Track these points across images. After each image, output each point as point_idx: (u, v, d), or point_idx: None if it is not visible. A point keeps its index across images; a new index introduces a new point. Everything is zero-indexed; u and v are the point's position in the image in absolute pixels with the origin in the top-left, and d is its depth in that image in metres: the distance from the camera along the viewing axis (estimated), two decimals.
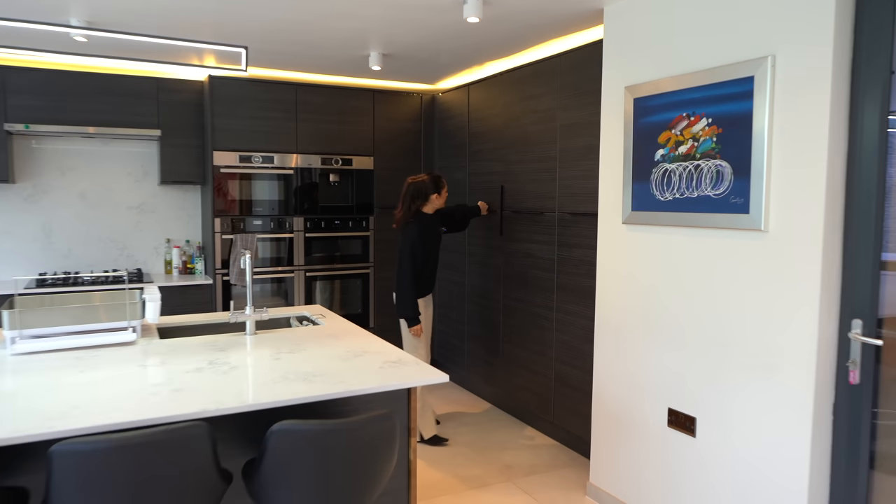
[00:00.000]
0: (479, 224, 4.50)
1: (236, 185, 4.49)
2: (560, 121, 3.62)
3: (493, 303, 4.35)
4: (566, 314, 3.62)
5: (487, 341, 4.44)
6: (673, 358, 2.67)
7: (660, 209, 2.66)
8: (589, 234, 3.41)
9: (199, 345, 2.48)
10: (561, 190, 3.63)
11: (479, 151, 4.48)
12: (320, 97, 4.71)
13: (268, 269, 4.62)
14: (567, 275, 3.60)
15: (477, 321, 4.57)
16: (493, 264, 4.34)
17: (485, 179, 4.40)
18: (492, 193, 4.32)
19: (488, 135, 4.36)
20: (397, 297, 3.77)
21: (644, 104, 2.72)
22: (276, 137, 4.59)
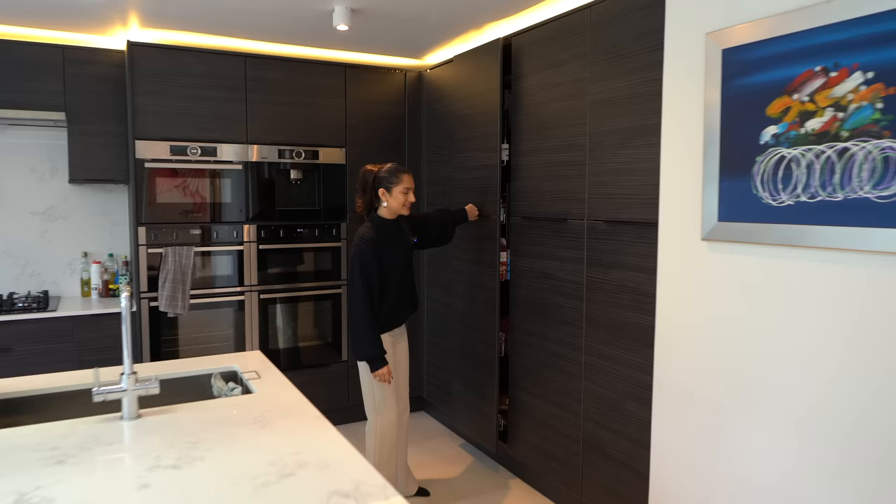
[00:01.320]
0: (476, 233, 3.52)
1: (168, 183, 3.50)
2: (591, 95, 2.66)
3: (493, 337, 3.38)
4: (600, 358, 2.67)
5: (491, 384, 3.47)
6: (791, 456, 1.72)
7: (770, 219, 1.71)
8: (637, 250, 2.45)
9: (27, 448, 1.50)
10: (592, 189, 2.67)
11: (474, 139, 3.51)
12: (278, 73, 3.73)
13: (209, 291, 3.63)
14: (602, 305, 2.64)
15: (475, 356, 3.60)
16: (492, 287, 3.37)
17: (483, 176, 3.43)
18: (494, 194, 3.35)
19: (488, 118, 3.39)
20: (350, 333, 2.81)
21: (741, 58, 1.76)
22: (220, 124, 3.60)
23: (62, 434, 1.59)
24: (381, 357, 2.78)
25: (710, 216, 1.89)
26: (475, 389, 3.56)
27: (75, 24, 3.33)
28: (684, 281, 2.04)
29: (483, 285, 3.40)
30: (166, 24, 3.35)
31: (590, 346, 2.72)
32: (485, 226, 3.39)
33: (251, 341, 3.74)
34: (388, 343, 2.91)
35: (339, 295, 3.98)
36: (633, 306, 2.48)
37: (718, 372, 1.95)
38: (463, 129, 3.61)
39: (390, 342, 2.92)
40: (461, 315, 3.65)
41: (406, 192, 2.87)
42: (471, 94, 3.50)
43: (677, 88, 2.02)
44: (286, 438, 1.57)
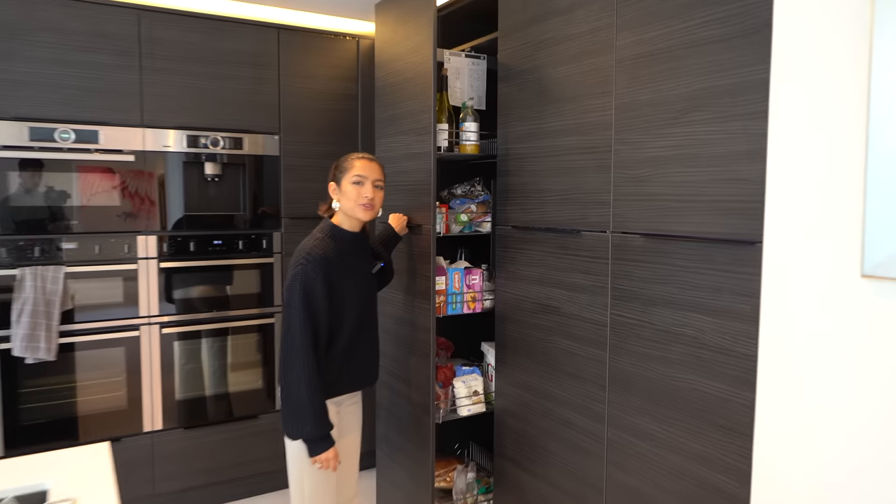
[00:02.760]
0: (406, 250, 2.64)
1: (27, 180, 2.54)
2: (622, 49, 1.81)
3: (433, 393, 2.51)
4: (634, 435, 1.81)
5: (423, 459, 2.59)
6: None
7: None
8: (700, 279, 1.60)
9: None
10: (623, 187, 1.82)
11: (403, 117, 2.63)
12: (187, 34, 2.81)
13: (89, 326, 2.68)
14: (638, 359, 1.79)
15: (403, 418, 2.71)
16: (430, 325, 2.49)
17: (413, 168, 2.56)
18: (428, 193, 2.48)
19: (419, 84, 2.51)
20: (282, 398, 1.92)
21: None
22: (103, 100, 2.66)
23: None
24: (324, 437, 1.89)
25: (883, 238, 1.04)
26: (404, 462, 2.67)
27: None
28: (820, 342, 1.19)
29: (415, 323, 2.50)
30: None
31: (617, 416, 1.87)
32: (416, 241, 2.49)
33: (150, 391, 2.80)
34: (333, 412, 2.02)
35: (272, 325, 3.06)
36: (692, 365, 1.63)
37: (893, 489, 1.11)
38: (387, 105, 2.72)
39: (333, 411, 2.02)
40: (390, 362, 2.74)
41: (358, 184, 1.99)
42: (397, 54, 2.59)
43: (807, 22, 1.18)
44: None
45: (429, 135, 2.33)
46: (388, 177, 2.64)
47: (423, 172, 2.38)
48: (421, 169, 2.40)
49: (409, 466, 2.57)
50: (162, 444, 2.84)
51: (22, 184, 2.53)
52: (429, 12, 2.30)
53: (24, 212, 2.54)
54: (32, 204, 2.55)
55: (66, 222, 2.61)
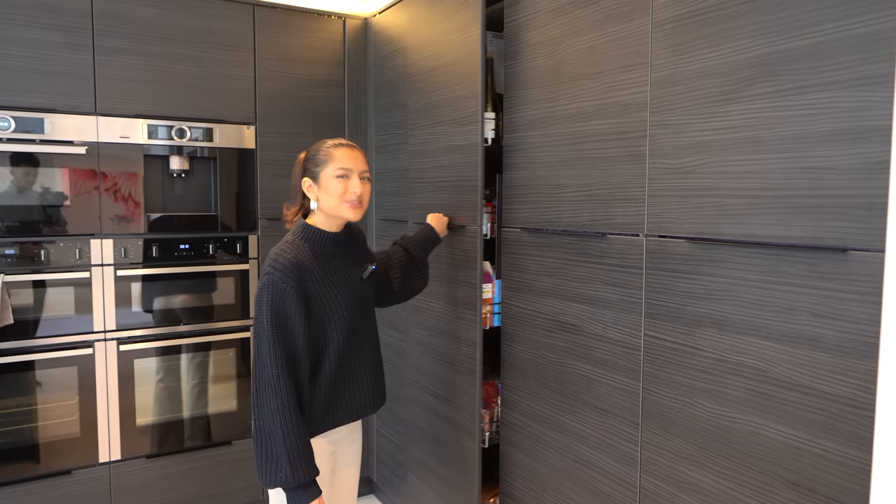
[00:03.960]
0: (447, 255, 2.30)
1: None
2: (659, 11, 1.47)
3: (470, 415, 2.16)
4: (676, 487, 1.47)
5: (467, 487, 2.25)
6: None
7: None
8: (770, 296, 1.26)
9: None
10: (661, 180, 1.48)
11: (432, 109, 2.28)
12: (147, 8, 2.46)
13: (33, 342, 2.33)
14: (680, 391, 1.45)
15: (443, 442, 2.37)
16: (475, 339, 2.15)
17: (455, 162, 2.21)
18: (470, 192, 2.14)
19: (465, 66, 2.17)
20: (255, 437, 1.58)
21: None
22: (50, 83, 2.31)
23: None
24: (308, 484, 1.55)
25: None
26: (441, 490, 2.33)
27: None
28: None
29: (458, 336, 2.18)
30: None
31: (653, 462, 1.53)
32: (459, 243, 2.17)
33: (107, 416, 2.46)
34: (326, 452, 1.68)
35: (247, 340, 2.72)
36: (752, 402, 1.29)
37: None
38: (422, 93, 2.39)
39: (328, 450, 1.69)
40: (425, 378, 2.42)
41: (343, 177, 1.65)
42: (431, 36, 2.27)
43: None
44: None
45: (475, 124, 2.00)
46: (424, 172, 2.32)
47: (467, 167, 2.06)
48: (465, 163, 2.07)
49: (447, 494, 2.24)
50: (120, 475, 2.49)
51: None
52: None
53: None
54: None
55: (6, 223, 2.27)
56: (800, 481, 1.21)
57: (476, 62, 2.01)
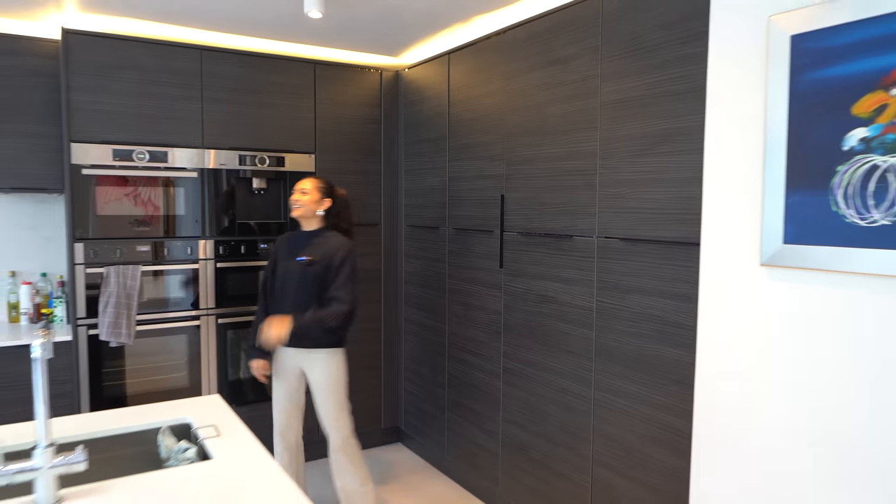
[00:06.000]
0: (466, 250, 3.17)
1: (111, 193, 3.04)
2: (604, 95, 2.34)
3: (488, 363, 3.03)
4: (616, 395, 2.33)
5: (479, 416, 3.11)
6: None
7: (857, 242, 1.40)
8: (662, 272, 2.13)
9: None
10: (606, 201, 2.35)
11: (465, 147, 3.16)
12: (239, 69, 3.32)
13: (160, 315, 3.18)
14: (617, 335, 2.31)
15: (462, 386, 3.24)
16: (487, 308, 3.02)
17: (476, 186, 3.08)
18: (487, 206, 3.01)
19: (480, 123, 3.05)
20: None
21: (817, 45, 1.46)
22: (172, 125, 3.17)
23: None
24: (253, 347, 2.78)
25: (773, 237, 1.57)
26: (474, 419, 3.20)
27: (2, 7, 2.86)
28: (736, 314, 1.72)
29: (485, 307, 3.04)
30: (108, 9, 2.91)
31: (603, 382, 2.39)
32: (484, 243, 3.04)
33: (208, 372, 3.30)
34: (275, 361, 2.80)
35: None
36: (657, 337, 2.15)
37: (781, 424, 1.63)
38: (462, 135, 3.26)
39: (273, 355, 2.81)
40: (462, 340, 3.28)
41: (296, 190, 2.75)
42: (471, 96, 3.15)
43: (727, 85, 1.71)
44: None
45: (501, 160, 2.92)
46: (460, 192, 3.18)
47: (494, 189, 2.92)
48: (493, 187, 2.93)
49: (480, 422, 3.10)
50: None
51: (107, 196, 3.03)
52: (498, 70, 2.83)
53: (109, 220, 3.04)
54: (115, 213, 3.05)
55: (142, 228, 3.11)
56: (679, 379, 2.07)
57: (499, 118, 2.88)
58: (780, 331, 1.61)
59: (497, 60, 2.91)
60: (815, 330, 1.53)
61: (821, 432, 1.54)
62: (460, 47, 3.18)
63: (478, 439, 3.14)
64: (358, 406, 3.74)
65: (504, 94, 2.87)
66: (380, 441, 3.88)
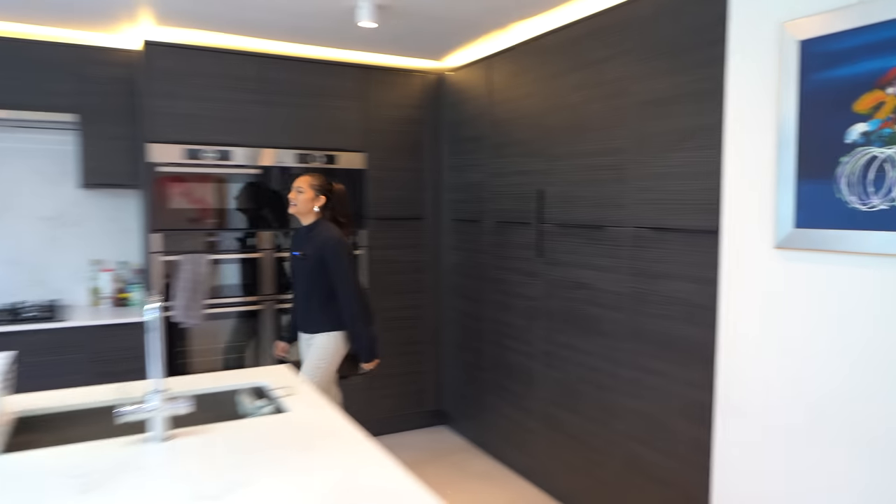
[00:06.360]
0: (506, 241, 3.39)
1: (182, 188, 3.35)
2: (634, 95, 2.53)
3: (526, 346, 3.24)
4: (645, 373, 2.52)
5: (518, 396, 3.33)
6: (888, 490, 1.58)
7: (859, 225, 1.58)
8: (689, 258, 2.31)
9: (56, 472, 1.35)
10: (636, 194, 2.54)
11: (505, 145, 3.38)
12: (295, 74, 3.60)
13: (224, 300, 3.48)
14: (647, 317, 2.50)
15: (502, 368, 3.46)
16: (525, 295, 3.23)
17: (514, 182, 3.30)
18: (525, 200, 3.22)
19: (520, 122, 3.26)
20: None
21: (822, 49, 1.64)
22: (235, 126, 3.47)
23: (87, 458, 1.44)
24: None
25: (785, 222, 1.75)
26: (513, 400, 3.42)
27: (90, 21, 3.20)
28: (753, 293, 1.90)
29: (524, 294, 3.26)
30: (182, 22, 3.22)
31: (634, 361, 2.58)
32: (523, 233, 3.26)
33: (267, 354, 3.59)
34: None
35: None
36: (684, 319, 2.34)
37: (794, 394, 1.81)
38: (501, 134, 3.48)
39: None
40: (502, 326, 3.51)
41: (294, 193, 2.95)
42: (511, 97, 3.37)
43: (744, 85, 1.89)
44: (334, 463, 1.42)
45: (539, 157, 3.15)
46: (500, 187, 3.42)
47: (533, 185, 3.14)
48: (530, 182, 3.16)
49: (520, 402, 3.34)
50: None
51: (178, 191, 3.35)
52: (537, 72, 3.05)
53: (180, 212, 3.35)
54: (186, 206, 3.36)
55: (210, 220, 3.42)
56: (703, 356, 2.25)
57: (538, 117, 3.09)
58: (792, 305, 1.79)
59: (535, 63, 3.12)
60: (823, 303, 1.71)
61: (828, 398, 1.72)
62: (501, 52, 3.40)
63: (517, 418, 3.35)
64: (402, 389, 3.99)
65: (542, 95, 3.08)
66: (424, 423, 4.12)
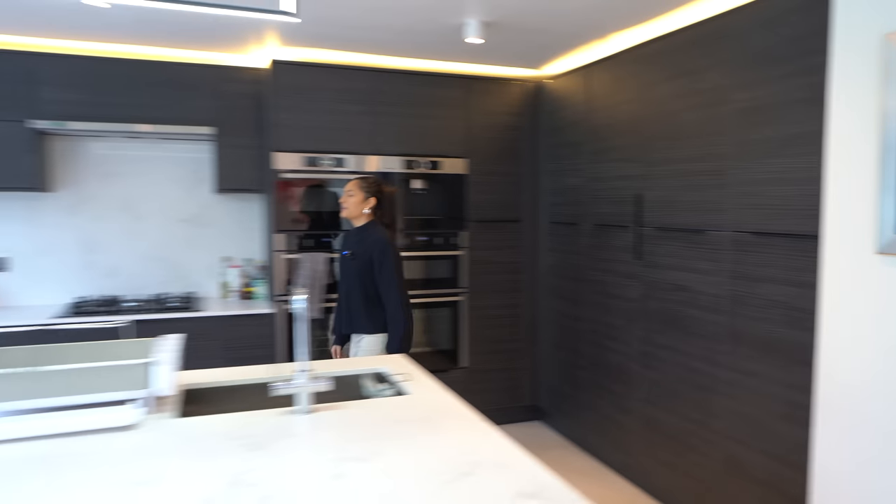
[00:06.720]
0: (604, 244, 3.50)
1: (302, 193, 3.69)
2: (734, 103, 2.59)
3: (624, 346, 3.34)
4: (744, 374, 2.57)
5: (615, 395, 3.42)
6: None
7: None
8: (790, 263, 2.35)
9: (225, 435, 1.63)
10: (736, 199, 2.59)
11: (603, 150, 3.49)
12: (402, 86, 3.86)
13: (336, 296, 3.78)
14: (747, 319, 2.55)
15: (598, 367, 3.57)
16: (624, 296, 3.32)
17: (613, 186, 3.40)
18: (624, 204, 3.31)
19: (617, 128, 3.36)
20: None
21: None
22: (349, 136, 3.77)
23: (247, 424, 1.71)
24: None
25: (888, 228, 1.79)
26: (611, 399, 3.53)
27: (223, 44, 3.59)
28: (854, 297, 1.94)
29: (622, 296, 3.37)
30: (304, 42, 3.55)
31: (732, 362, 2.63)
32: (621, 236, 3.36)
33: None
34: None
35: (459, 303, 4.05)
36: (784, 321, 2.38)
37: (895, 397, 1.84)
38: (598, 140, 3.60)
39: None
40: (600, 326, 3.62)
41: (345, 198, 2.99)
42: (609, 104, 3.48)
43: (848, 94, 1.93)
44: (454, 438, 1.62)
45: (637, 162, 3.22)
46: (598, 191, 3.56)
47: (631, 189, 3.30)
48: (628, 186, 3.31)
49: (618, 401, 3.46)
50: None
51: (299, 196, 3.68)
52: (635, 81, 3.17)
53: (300, 214, 3.68)
54: (305, 209, 3.70)
55: (326, 222, 3.74)
56: (802, 358, 2.28)
57: (636, 124, 3.19)
58: (893, 310, 1.82)
59: (633, 72, 3.21)
60: None
61: None
62: (599, 60, 3.51)
63: (613, 416, 3.45)
64: (499, 385, 4.17)
65: (640, 102, 3.17)
66: (519, 418, 4.28)
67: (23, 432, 1.58)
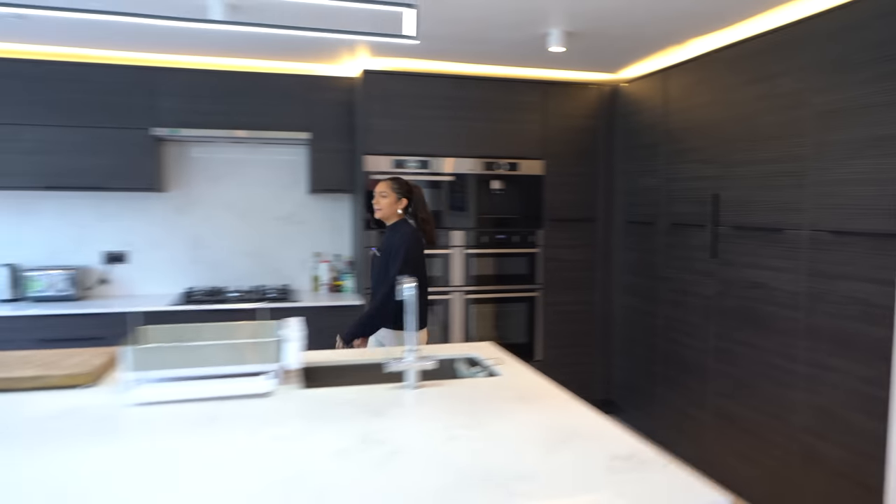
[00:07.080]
0: (680, 242, 3.60)
1: None
2: (814, 107, 2.67)
3: (699, 342, 3.43)
4: (822, 369, 2.65)
5: (690, 390, 3.53)
6: None
7: None
8: (870, 261, 2.42)
9: (347, 403, 1.87)
10: (815, 199, 2.67)
11: (680, 151, 3.59)
12: (483, 92, 4.07)
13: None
14: (825, 316, 2.63)
15: (673, 362, 3.67)
16: (699, 293, 3.42)
17: (690, 186, 3.50)
18: (700, 204, 3.41)
19: (694, 130, 3.46)
20: None
21: None
22: (432, 139, 4.00)
23: (364, 395, 1.95)
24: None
25: None
26: (685, 392, 3.63)
27: (318, 56, 3.89)
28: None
29: (695, 293, 3.47)
30: (392, 53, 3.80)
31: (811, 358, 2.71)
32: (698, 235, 3.46)
33: (456, 337, 4.09)
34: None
35: (535, 298, 4.23)
36: (862, 318, 2.45)
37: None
38: (676, 141, 3.71)
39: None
40: (675, 322, 3.74)
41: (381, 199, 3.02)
42: (688, 106, 3.59)
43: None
44: (550, 412, 1.81)
45: (714, 164, 3.33)
46: (673, 192, 3.66)
47: (708, 189, 3.43)
48: (705, 187, 3.43)
49: (687, 394, 3.59)
50: None
51: None
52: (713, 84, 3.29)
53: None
54: None
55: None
56: (880, 353, 2.35)
57: (714, 126, 3.30)
58: None
59: (711, 76, 3.31)
60: None
61: None
62: (677, 65, 3.61)
63: (687, 410, 3.55)
64: (572, 378, 4.32)
65: (718, 105, 3.26)
66: None
67: (185, 395, 1.88)
